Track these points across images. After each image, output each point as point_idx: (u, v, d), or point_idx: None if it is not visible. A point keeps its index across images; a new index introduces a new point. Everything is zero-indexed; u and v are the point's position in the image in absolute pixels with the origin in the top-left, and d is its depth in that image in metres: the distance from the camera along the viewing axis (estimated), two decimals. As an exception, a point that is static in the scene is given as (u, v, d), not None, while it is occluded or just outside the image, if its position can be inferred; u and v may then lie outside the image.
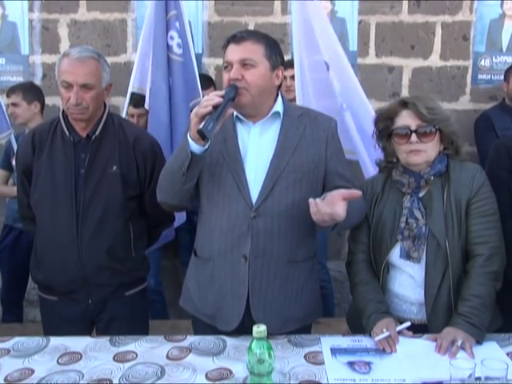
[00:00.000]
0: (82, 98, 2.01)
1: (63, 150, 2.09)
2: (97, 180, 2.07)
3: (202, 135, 1.61)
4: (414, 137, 1.82)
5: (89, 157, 2.08)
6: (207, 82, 3.44)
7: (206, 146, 1.68)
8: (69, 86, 2.01)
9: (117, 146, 2.12)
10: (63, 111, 2.12)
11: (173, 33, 2.98)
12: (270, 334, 1.44)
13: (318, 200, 1.63)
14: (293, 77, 3.48)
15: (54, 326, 2.17)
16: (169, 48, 2.98)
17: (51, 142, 2.11)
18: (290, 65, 3.57)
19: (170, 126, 2.99)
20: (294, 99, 3.47)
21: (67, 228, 2.07)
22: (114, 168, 2.09)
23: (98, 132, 2.10)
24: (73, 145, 2.09)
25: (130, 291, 2.19)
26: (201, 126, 1.61)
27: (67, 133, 2.10)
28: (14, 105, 3.40)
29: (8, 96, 3.42)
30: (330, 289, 3.58)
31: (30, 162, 2.13)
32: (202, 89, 3.12)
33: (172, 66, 2.99)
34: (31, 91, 3.46)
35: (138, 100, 3.50)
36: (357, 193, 1.68)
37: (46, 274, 2.14)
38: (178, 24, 2.99)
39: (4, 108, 3.43)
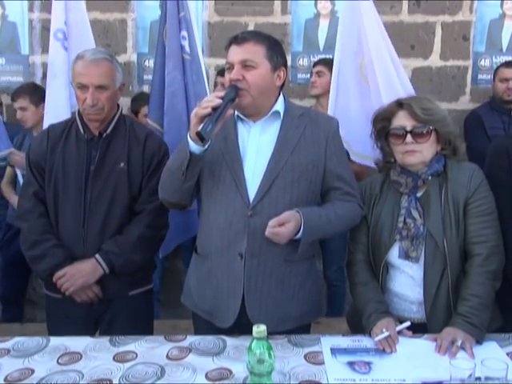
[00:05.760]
0: (98, 99, 2.07)
1: (77, 148, 2.14)
2: (105, 177, 2.11)
3: (201, 137, 1.62)
4: (409, 137, 1.83)
5: (99, 154, 2.12)
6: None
7: (206, 146, 1.69)
8: (84, 88, 2.07)
9: (127, 143, 2.16)
10: (79, 111, 2.17)
11: (184, 33, 3.00)
12: (268, 333, 1.44)
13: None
14: (318, 73, 3.48)
15: (58, 324, 2.19)
16: (182, 48, 3.00)
17: (65, 140, 2.15)
18: (318, 62, 3.58)
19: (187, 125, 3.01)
20: (319, 95, 3.46)
21: (75, 225, 2.10)
22: (122, 165, 2.12)
23: (109, 130, 2.15)
24: (86, 143, 2.14)
25: (134, 291, 2.19)
26: (199, 128, 1.62)
27: (82, 131, 2.15)
28: (23, 109, 3.31)
29: (14, 100, 3.33)
30: (344, 288, 3.58)
31: (42, 156, 2.15)
32: (222, 76, 3.14)
33: (185, 66, 3.02)
34: (37, 93, 3.37)
35: (143, 99, 3.50)
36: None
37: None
38: (187, 23, 3.01)
39: (3, 124, 3.23)
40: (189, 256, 2.14)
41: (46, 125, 2.72)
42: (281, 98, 1.88)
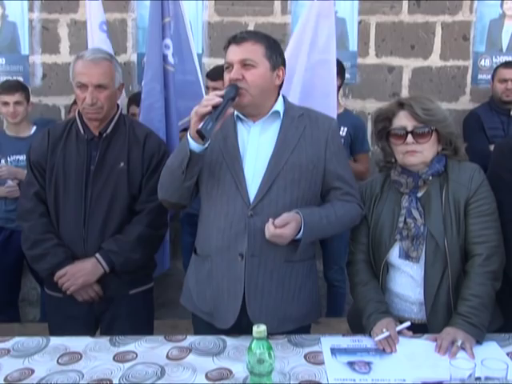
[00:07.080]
0: (97, 98, 2.09)
1: (77, 148, 2.15)
2: (105, 177, 2.12)
3: (201, 135, 1.62)
4: (409, 138, 1.83)
5: (99, 154, 2.13)
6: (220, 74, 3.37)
7: (206, 145, 1.69)
8: (84, 87, 2.09)
9: (126, 143, 2.17)
10: (79, 111, 2.19)
11: (168, 41, 2.83)
12: (269, 334, 1.44)
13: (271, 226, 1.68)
14: None
15: (59, 323, 2.19)
16: (164, 58, 2.82)
17: (65, 140, 2.17)
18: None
19: (165, 140, 2.76)
20: None
21: (75, 224, 2.11)
22: (122, 164, 2.14)
23: (109, 130, 2.16)
24: (86, 143, 2.15)
25: (134, 290, 2.20)
26: (200, 126, 1.62)
27: (82, 131, 2.16)
28: (19, 103, 3.38)
29: (10, 94, 3.36)
30: (344, 288, 3.58)
31: (43, 156, 2.17)
32: (212, 80, 3.14)
33: (167, 79, 2.83)
34: (28, 91, 3.48)
35: (134, 99, 3.49)
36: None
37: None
38: (171, 30, 2.85)
39: None
40: (189, 258, 2.14)
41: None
42: (280, 98, 1.89)
